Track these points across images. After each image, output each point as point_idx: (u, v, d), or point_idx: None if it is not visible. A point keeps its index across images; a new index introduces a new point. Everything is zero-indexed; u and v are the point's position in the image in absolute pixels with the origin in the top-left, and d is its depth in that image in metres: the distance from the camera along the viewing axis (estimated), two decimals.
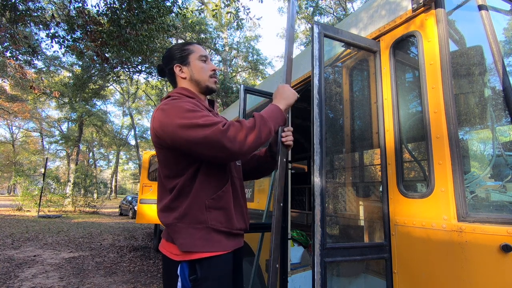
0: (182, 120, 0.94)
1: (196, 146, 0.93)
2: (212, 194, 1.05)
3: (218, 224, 1.04)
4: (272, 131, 1.01)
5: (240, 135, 0.92)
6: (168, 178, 1.06)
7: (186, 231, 1.01)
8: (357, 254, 1.34)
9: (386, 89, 1.45)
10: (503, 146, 1.42)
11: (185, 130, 0.93)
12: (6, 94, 19.72)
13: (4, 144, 31.13)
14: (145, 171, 6.50)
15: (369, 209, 1.83)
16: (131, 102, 32.18)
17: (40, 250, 6.18)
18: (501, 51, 1.15)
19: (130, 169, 48.44)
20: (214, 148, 0.91)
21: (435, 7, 1.27)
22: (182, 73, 1.19)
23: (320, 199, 1.27)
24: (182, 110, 0.97)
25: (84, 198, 17.23)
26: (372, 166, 1.92)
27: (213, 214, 1.03)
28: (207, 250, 1.00)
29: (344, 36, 1.49)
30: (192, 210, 1.02)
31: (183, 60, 1.19)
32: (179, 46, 1.23)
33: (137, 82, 22.85)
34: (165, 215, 1.06)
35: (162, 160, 1.08)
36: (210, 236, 1.02)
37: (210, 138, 0.90)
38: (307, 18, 18.89)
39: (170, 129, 0.96)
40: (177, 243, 1.00)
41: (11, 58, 6.44)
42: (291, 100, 1.12)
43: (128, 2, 5.32)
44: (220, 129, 0.91)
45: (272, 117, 1.02)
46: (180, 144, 0.96)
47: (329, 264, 1.28)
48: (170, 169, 1.06)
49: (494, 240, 0.98)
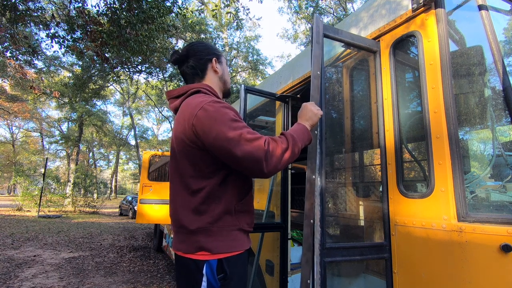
0: (230, 131, 0.93)
1: (231, 159, 0.94)
2: (241, 199, 1.09)
3: (246, 225, 1.09)
4: (300, 150, 1.04)
5: (277, 155, 0.94)
6: (194, 179, 1.03)
7: (221, 234, 1.02)
8: (356, 254, 1.35)
9: (386, 89, 1.45)
10: (503, 146, 1.42)
11: (233, 143, 0.92)
12: (6, 94, 19.72)
13: (4, 144, 31.14)
14: (145, 171, 6.49)
15: (369, 209, 1.83)
16: (131, 102, 32.19)
17: (40, 250, 6.18)
18: (501, 51, 1.15)
19: (130, 169, 48.46)
20: (253, 164, 0.92)
21: (435, 7, 1.27)
22: (217, 67, 1.20)
23: (320, 199, 1.28)
24: (228, 118, 0.96)
25: (84, 198, 17.23)
26: (372, 166, 1.92)
27: (242, 217, 1.08)
28: (238, 249, 1.04)
29: (344, 36, 1.49)
30: (226, 215, 1.04)
31: (219, 57, 1.22)
32: (211, 44, 1.27)
33: (137, 82, 22.84)
34: (194, 218, 1.02)
35: (190, 158, 1.04)
36: (240, 237, 1.07)
37: (253, 155, 0.91)
38: (307, 18, 18.89)
39: (215, 136, 0.94)
40: (210, 246, 1.00)
41: (11, 58, 6.44)
42: (315, 119, 1.16)
43: (128, 2, 5.32)
44: (263, 147, 0.92)
45: (300, 137, 1.05)
46: (220, 153, 0.96)
47: (328, 264, 1.28)
48: (198, 169, 1.03)
49: (494, 240, 0.98)
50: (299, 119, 1.16)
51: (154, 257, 6.08)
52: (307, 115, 1.15)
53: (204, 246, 1.00)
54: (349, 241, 1.99)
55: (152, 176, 6.53)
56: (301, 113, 1.17)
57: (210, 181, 1.02)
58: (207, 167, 1.02)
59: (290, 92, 2.31)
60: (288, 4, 19.86)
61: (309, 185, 1.24)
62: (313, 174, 1.28)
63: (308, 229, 1.20)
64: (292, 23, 22.00)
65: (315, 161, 1.30)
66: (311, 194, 1.23)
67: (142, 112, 37.07)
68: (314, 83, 1.30)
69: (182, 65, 1.20)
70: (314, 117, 1.15)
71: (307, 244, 1.21)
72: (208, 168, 1.02)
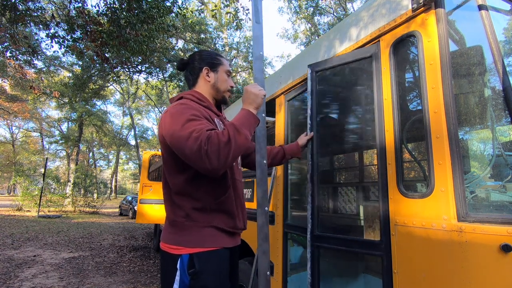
0: (182, 130, 0.98)
1: (183, 156, 1.00)
2: (217, 198, 1.12)
3: (223, 224, 1.12)
4: (248, 136, 1.04)
5: (218, 150, 0.94)
6: (170, 175, 1.13)
7: (193, 229, 1.08)
8: (344, 245, 1.42)
9: (386, 89, 1.45)
10: (503, 146, 1.42)
11: (182, 141, 0.97)
12: (6, 94, 19.71)
13: (4, 144, 31.13)
14: (145, 171, 6.49)
15: (369, 209, 1.83)
16: (131, 102, 32.18)
17: (40, 250, 6.18)
18: (501, 51, 1.15)
19: (130, 169, 48.44)
20: (198, 162, 0.95)
21: (435, 7, 1.27)
22: (208, 77, 1.27)
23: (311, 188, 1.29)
24: (185, 118, 1.02)
25: (84, 198, 17.22)
26: (372, 166, 1.92)
27: (219, 216, 1.12)
28: (209, 246, 1.08)
29: (334, 62, 1.52)
30: (200, 211, 1.09)
31: (213, 67, 1.28)
32: (212, 53, 1.32)
33: (137, 82, 22.85)
34: (172, 211, 1.12)
35: (165, 156, 1.14)
36: (214, 233, 1.10)
37: (196, 153, 0.93)
38: (307, 18, 18.89)
39: (171, 134, 1.01)
40: (182, 239, 1.07)
41: (11, 58, 6.44)
42: (258, 101, 1.15)
43: (128, 2, 5.32)
44: (203, 146, 0.93)
45: (245, 123, 1.05)
46: (176, 151, 1.03)
47: (319, 248, 1.37)
48: (172, 166, 1.12)
49: (494, 240, 0.98)
50: (243, 104, 1.16)
51: (154, 257, 6.08)
52: (250, 98, 1.15)
53: (177, 239, 1.08)
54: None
55: (152, 176, 6.53)
56: (244, 97, 1.17)
57: (181, 177, 1.10)
58: (177, 165, 1.10)
59: (290, 92, 2.30)
60: (288, 4, 19.86)
61: (260, 171, 1.25)
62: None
63: (262, 218, 1.21)
64: (292, 23, 22.00)
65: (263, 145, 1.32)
66: (262, 181, 1.24)
67: (142, 112, 37.07)
68: (256, 64, 1.29)
69: (184, 71, 1.34)
70: (256, 98, 1.14)
71: (263, 234, 1.22)
72: (178, 166, 1.09)
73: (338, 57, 1.62)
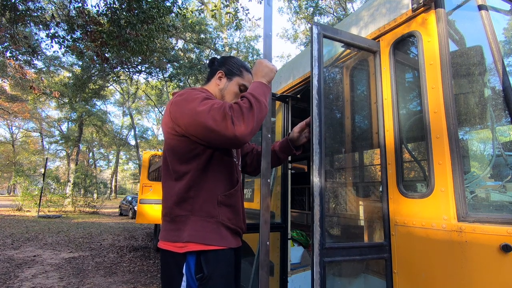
0: (200, 106, 0.98)
1: (206, 130, 0.96)
2: (225, 191, 1.11)
3: (227, 220, 1.09)
4: (266, 104, 1.05)
5: (243, 115, 0.95)
6: (177, 165, 1.08)
7: (198, 223, 1.04)
8: (356, 254, 1.34)
9: (386, 89, 1.45)
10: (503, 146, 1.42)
11: (203, 114, 0.95)
12: (6, 94, 19.71)
13: (4, 144, 31.12)
14: (145, 171, 6.49)
15: (369, 209, 1.83)
16: (131, 102, 32.18)
17: (40, 250, 6.18)
18: (501, 51, 1.15)
19: (130, 169, 48.42)
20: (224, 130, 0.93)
21: (435, 7, 1.27)
22: (219, 80, 1.27)
23: (320, 199, 1.27)
24: (200, 97, 1.02)
25: (84, 198, 17.22)
26: (372, 166, 1.92)
27: (224, 210, 1.10)
28: (216, 244, 1.04)
29: (344, 36, 1.49)
30: (206, 204, 1.06)
31: (229, 74, 1.27)
32: (239, 62, 1.31)
33: (137, 82, 22.85)
34: (176, 205, 1.07)
35: (172, 145, 1.09)
36: (219, 231, 1.07)
37: (221, 121, 0.93)
38: (307, 18, 18.89)
39: (188, 113, 0.99)
40: (186, 234, 1.02)
41: (11, 58, 6.44)
42: (270, 76, 1.15)
43: (128, 2, 5.32)
44: (228, 113, 0.93)
45: (260, 92, 1.06)
46: (196, 130, 0.99)
47: (328, 264, 1.28)
48: (180, 155, 1.08)
49: (494, 240, 0.98)
50: (255, 76, 1.15)
51: (154, 257, 6.08)
52: (263, 71, 1.14)
53: (180, 235, 1.03)
54: (349, 241, 1.99)
55: (152, 176, 6.53)
56: (257, 70, 1.15)
57: (191, 166, 1.07)
58: (188, 152, 1.07)
59: (290, 92, 2.31)
60: (288, 4, 19.86)
61: (265, 143, 1.20)
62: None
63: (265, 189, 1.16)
64: (292, 23, 22.00)
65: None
66: (267, 153, 1.19)
67: (142, 112, 37.07)
68: (266, 42, 1.27)
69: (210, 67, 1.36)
70: (270, 72, 1.15)
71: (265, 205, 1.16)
72: (189, 153, 1.07)
73: (349, 33, 1.60)
